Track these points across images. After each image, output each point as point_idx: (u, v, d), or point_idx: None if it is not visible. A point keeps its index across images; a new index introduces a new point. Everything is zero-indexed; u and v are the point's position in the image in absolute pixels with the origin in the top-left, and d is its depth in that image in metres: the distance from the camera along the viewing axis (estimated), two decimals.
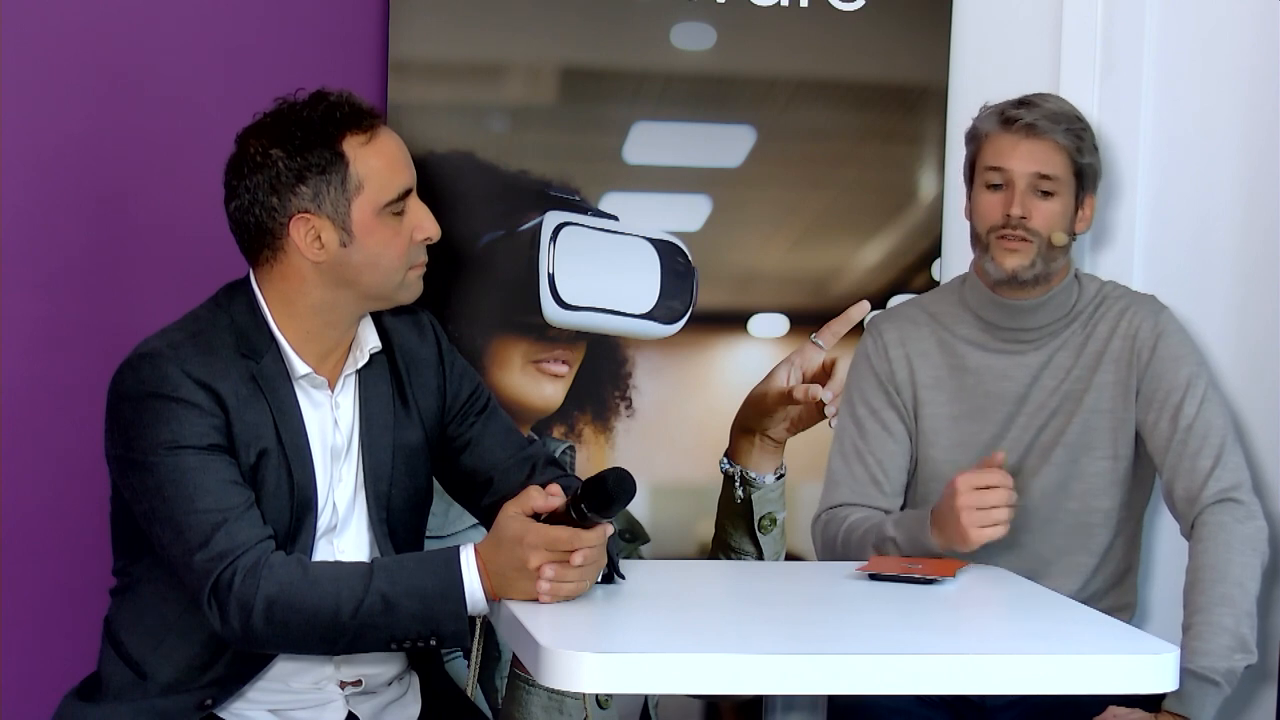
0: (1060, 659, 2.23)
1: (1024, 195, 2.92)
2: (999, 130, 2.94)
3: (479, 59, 3.31)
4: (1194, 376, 2.95)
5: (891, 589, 2.55)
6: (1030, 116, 2.92)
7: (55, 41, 3.15)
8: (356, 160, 2.48)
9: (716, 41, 3.35)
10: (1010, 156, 2.93)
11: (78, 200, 3.18)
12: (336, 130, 2.48)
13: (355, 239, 2.49)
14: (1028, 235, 2.92)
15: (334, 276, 2.51)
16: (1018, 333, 2.99)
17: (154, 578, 2.52)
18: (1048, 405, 2.99)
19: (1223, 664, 2.79)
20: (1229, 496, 2.89)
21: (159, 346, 2.48)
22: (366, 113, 2.52)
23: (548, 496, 2.40)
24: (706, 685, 2.15)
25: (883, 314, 3.17)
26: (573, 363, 3.34)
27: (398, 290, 2.56)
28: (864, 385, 3.04)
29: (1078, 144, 2.94)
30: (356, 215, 2.48)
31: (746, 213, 3.38)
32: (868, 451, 3.00)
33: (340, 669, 2.60)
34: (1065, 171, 2.94)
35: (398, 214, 2.51)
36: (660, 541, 3.39)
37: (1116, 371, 2.98)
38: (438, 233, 2.55)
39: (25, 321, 3.16)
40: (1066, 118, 2.95)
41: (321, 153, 2.47)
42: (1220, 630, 2.80)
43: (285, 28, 3.29)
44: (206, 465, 2.43)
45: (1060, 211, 2.94)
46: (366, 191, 2.48)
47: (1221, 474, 2.90)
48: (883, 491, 2.99)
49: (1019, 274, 2.93)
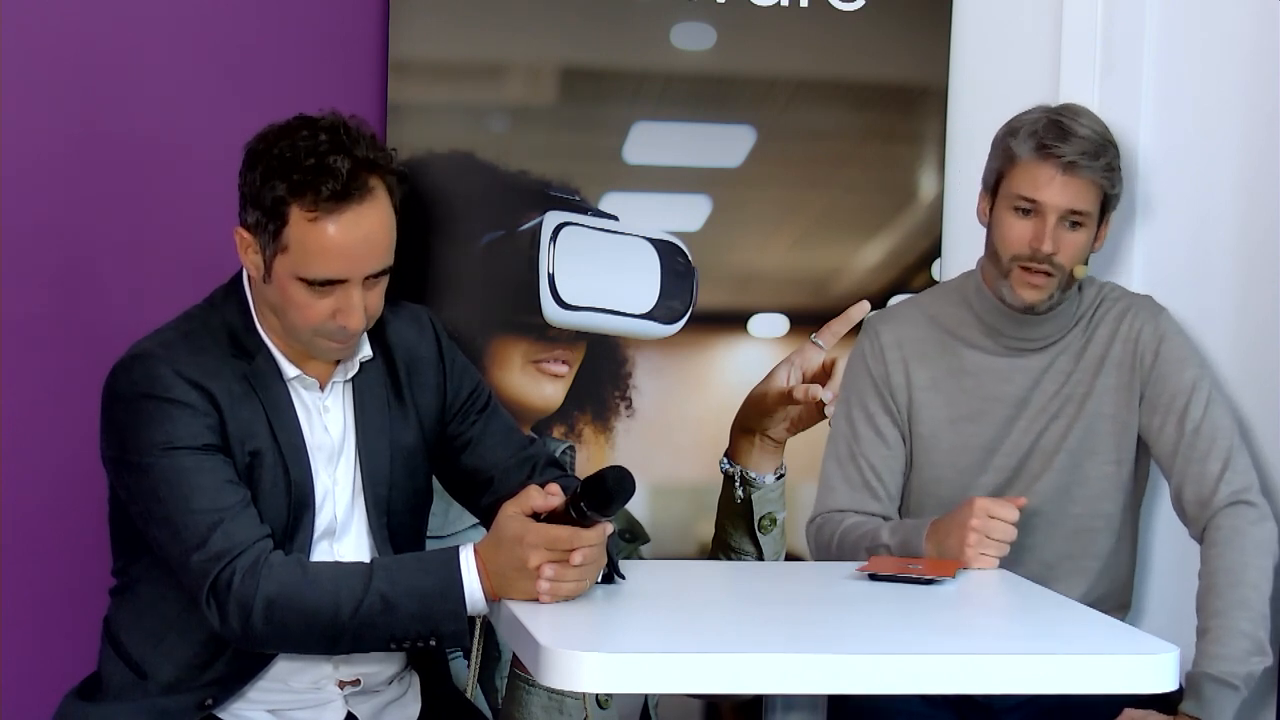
0: (1060, 659, 2.22)
1: (1055, 230, 2.86)
2: (1035, 159, 2.87)
3: (479, 59, 3.31)
4: (1198, 379, 2.95)
5: (891, 589, 2.55)
6: (1071, 153, 2.84)
7: (55, 41, 3.14)
8: (294, 226, 2.41)
9: (716, 41, 3.35)
10: (1045, 190, 2.86)
11: (78, 200, 3.18)
12: (291, 194, 2.39)
13: (271, 283, 2.46)
14: (1052, 270, 2.88)
15: (263, 297, 2.51)
16: (1023, 341, 2.98)
17: (153, 578, 2.52)
18: (1048, 409, 2.98)
19: (1241, 668, 2.79)
20: (1241, 499, 2.89)
21: (151, 347, 2.48)
22: (340, 194, 2.38)
23: (547, 496, 2.40)
24: (706, 685, 2.15)
25: (879, 314, 3.16)
26: (573, 363, 3.34)
27: (309, 347, 2.51)
28: (859, 387, 3.03)
29: (1110, 176, 2.89)
30: (276, 268, 2.44)
31: (746, 213, 3.38)
32: (861, 456, 2.99)
33: (339, 669, 2.60)
34: (1095, 205, 2.90)
35: (319, 292, 2.44)
36: (660, 541, 3.38)
37: (1119, 376, 2.97)
38: (359, 327, 2.45)
39: (25, 321, 3.16)
40: (1103, 148, 2.88)
41: (272, 196, 2.41)
42: (1238, 635, 2.80)
43: (285, 28, 3.29)
44: (202, 465, 2.43)
45: (1085, 242, 2.90)
46: (290, 255, 2.42)
47: (1232, 477, 2.90)
48: (876, 497, 2.98)
49: (1037, 307, 2.91)
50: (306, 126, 2.43)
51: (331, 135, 2.42)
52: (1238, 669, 2.79)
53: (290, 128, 2.44)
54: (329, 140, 2.41)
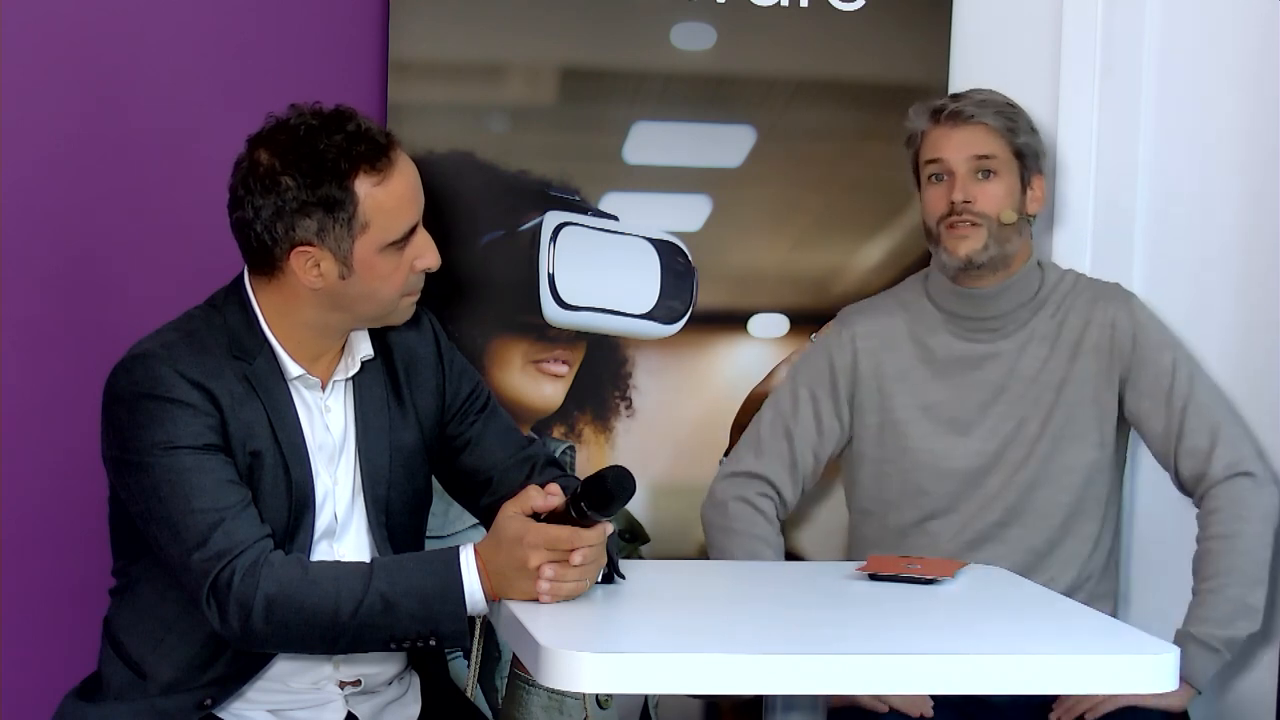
0: (1060, 659, 2.23)
1: (965, 180, 2.97)
2: (930, 125, 3.01)
3: (479, 59, 3.31)
4: (1177, 359, 3.02)
5: (891, 589, 2.55)
6: (957, 105, 2.99)
7: (55, 41, 3.14)
8: (366, 200, 2.44)
9: (716, 41, 3.35)
10: (945, 146, 2.99)
11: (77, 200, 3.18)
12: (350, 167, 2.43)
13: (355, 273, 2.47)
14: (975, 219, 2.96)
15: (330, 302, 2.50)
16: (983, 321, 3.02)
17: (153, 578, 2.52)
18: (1027, 395, 3.01)
19: (1223, 632, 2.89)
20: (1238, 471, 2.94)
21: (152, 347, 2.48)
22: (382, 147, 2.45)
23: (547, 496, 2.40)
24: (706, 685, 2.15)
25: (854, 306, 3.20)
26: (573, 363, 3.34)
27: (389, 316, 2.56)
28: (815, 369, 3.10)
29: (1010, 124, 2.99)
30: (359, 253, 2.46)
31: (746, 213, 3.38)
32: (795, 434, 3.08)
33: (339, 669, 2.60)
34: (1003, 151, 2.99)
35: (400, 248, 2.49)
36: (660, 541, 3.38)
37: (1097, 361, 3.01)
38: (438, 262, 2.52)
39: (25, 322, 3.15)
40: (995, 103, 3.01)
41: (331, 188, 2.43)
42: (1225, 599, 2.88)
43: (285, 27, 3.29)
44: (202, 465, 2.43)
45: (1004, 192, 2.99)
46: (371, 231, 2.45)
47: (1223, 451, 2.95)
48: (793, 479, 3.08)
49: (973, 258, 2.97)
50: (292, 127, 2.45)
51: (317, 116, 2.46)
52: (1218, 632, 2.89)
53: (306, 119, 2.45)
54: (322, 118, 2.45)
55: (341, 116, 2.46)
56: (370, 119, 2.49)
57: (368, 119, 2.48)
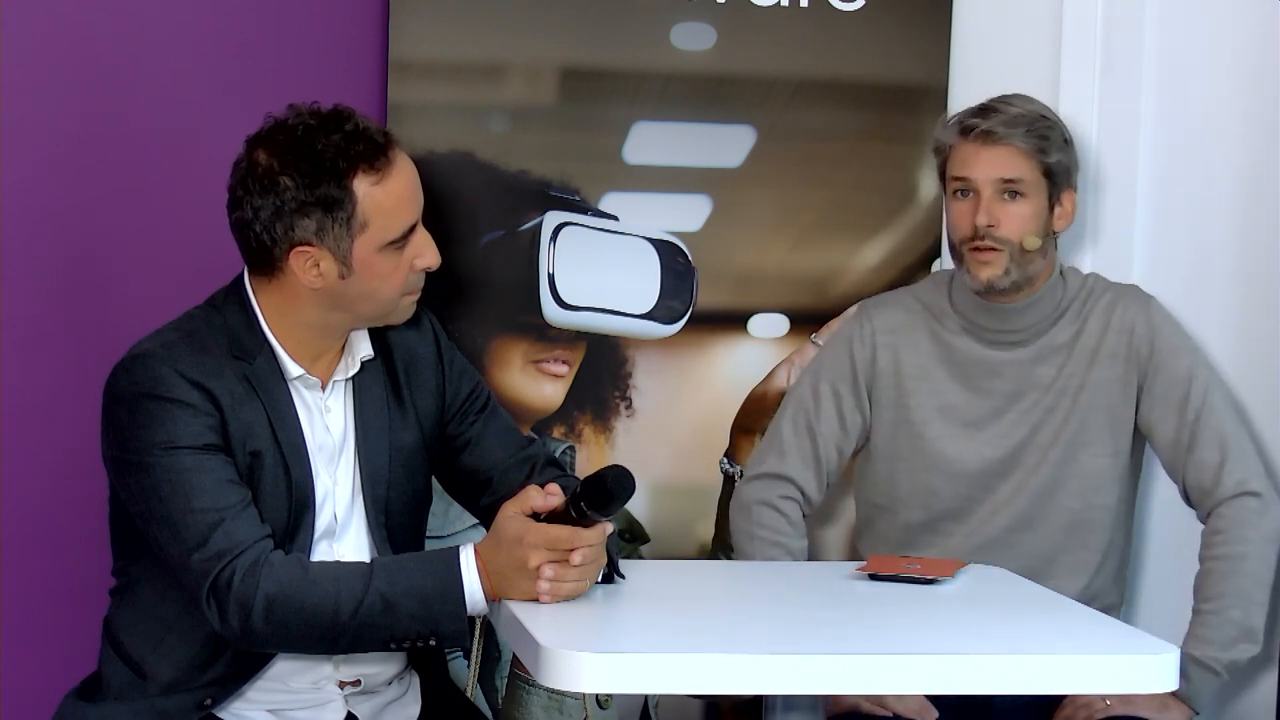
0: (1060, 659, 2.22)
1: (990, 203, 2.92)
2: (960, 140, 2.95)
3: (479, 59, 3.31)
4: (1194, 367, 2.97)
5: (891, 589, 2.55)
6: (988, 124, 2.92)
7: (54, 41, 3.14)
8: (364, 199, 2.44)
9: (716, 41, 3.35)
10: (972, 165, 2.93)
11: (78, 201, 3.18)
12: (348, 166, 2.43)
13: (354, 273, 2.47)
14: (997, 244, 2.91)
15: (329, 302, 2.50)
16: (1006, 333, 3.00)
17: (153, 578, 2.52)
18: (1043, 401, 2.99)
19: (1225, 655, 2.86)
20: (1246, 490, 2.92)
21: (152, 347, 2.48)
22: (381, 147, 2.45)
23: (547, 496, 2.40)
24: (706, 685, 2.15)
25: (874, 299, 3.18)
26: (573, 363, 3.34)
27: (389, 316, 2.56)
28: (837, 364, 3.07)
29: (1041, 144, 2.93)
30: (358, 252, 2.46)
31: (746, 213, 3.38)
32: (819, 432, 3.05)
33: (339, 669, 2.60)
34: (1031, 173, 2.93)
35: (400, 248, 2.49)
36: (660, 541, 3.38)
37: (1113, 368, 2.98)
38: (438, 261, 2.52)
39: (25, 322, 3.15)
40: (1028, 119, 2.93)
41: (330, 188, 2.43)
42: (1228, 621, 2.85)
43: (285, 27, 3.29)
44: (202, 465, 2.43)
45: (1031, 214, 2.93)
46: (371, 231, 2.45)
47: (1234, 467, 2.93)
48: (818, 475, 3.05)
49: (995, 283, 2.93)
50: (290, 127, 2.45)
51: (315, 116, 2.46)
52: (1220, 655, 2.87)
53: (304, 119, 2.45)
54: (320, 118, 2.45)
55: (339, 116, 2.46)
56: (368, 118, 2.49)
57: (366, 118, 2.48)
